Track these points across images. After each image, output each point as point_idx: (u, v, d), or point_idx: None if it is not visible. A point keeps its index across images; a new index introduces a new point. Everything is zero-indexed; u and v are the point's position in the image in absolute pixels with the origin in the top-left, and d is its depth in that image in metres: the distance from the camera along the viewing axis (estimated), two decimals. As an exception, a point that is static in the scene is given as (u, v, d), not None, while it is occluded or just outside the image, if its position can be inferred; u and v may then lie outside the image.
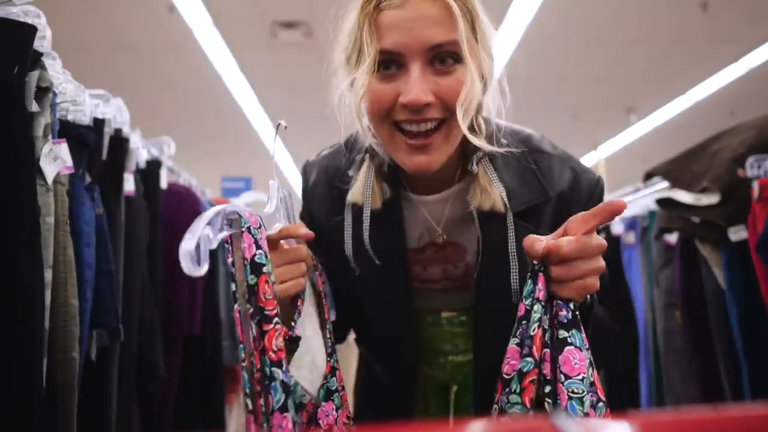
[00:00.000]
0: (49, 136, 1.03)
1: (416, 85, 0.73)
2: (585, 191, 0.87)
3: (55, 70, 1.21)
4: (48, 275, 0.99)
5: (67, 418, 1.05)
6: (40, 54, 1.01)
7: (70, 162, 1.08)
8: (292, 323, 0.71)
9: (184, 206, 1.79)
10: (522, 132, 0.92)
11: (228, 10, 4.29)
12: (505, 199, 0.82)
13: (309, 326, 0.76)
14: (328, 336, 0.78)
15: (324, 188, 0.94)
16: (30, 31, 0.96)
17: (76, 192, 1.17)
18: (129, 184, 1.45)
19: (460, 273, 0.93)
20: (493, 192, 0.83)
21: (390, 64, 0.76)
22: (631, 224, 2.31)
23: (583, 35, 4.87)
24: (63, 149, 1.06)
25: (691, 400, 1.79)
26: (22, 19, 1.00)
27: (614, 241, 2.44)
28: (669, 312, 1.92)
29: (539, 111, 6.55)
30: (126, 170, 1.44)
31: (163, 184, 1.75)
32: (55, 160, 1.03)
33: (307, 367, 0.73)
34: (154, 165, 1.69)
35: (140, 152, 1.61)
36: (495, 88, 0.86)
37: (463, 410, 0.99)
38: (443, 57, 0.75)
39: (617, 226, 2.41)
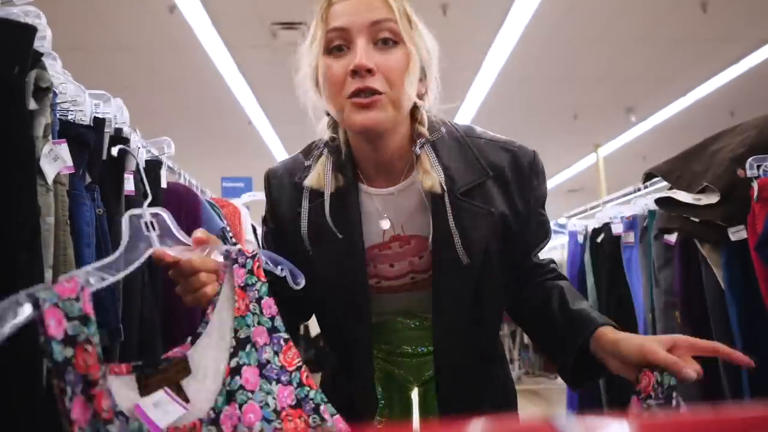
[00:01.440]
0: (50, 136, 1.03)
1: (361, 53, 0.85)
2: (525, 167, 0.97)
3: (56, 70, 1.21)
4: (48, 275, 0.99)
5: (67, 418, 1.05)
6: (41, 54, 1.01)
7: (70, 162, 1.08)
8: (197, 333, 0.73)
9: (184, 206, 1.79)
10: (464, 125, 1.02)
11: (227, 10, 4.29)
12: (443, 181, 0.92)
13: (209, 336, 0.74)
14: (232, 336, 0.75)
15: (287, 185, 1.02)
16: (30, 31, 0.96)
17: (76, 192, 1.17)
18: (129, 184, 1.45)
19: (425, 264, 0.99)
20: (433, 174, 0.92)
21: (341, 45, 0.88)
22: (631, 224, 2.31)
23: (584, 35, 4.86)
24: (63, 149, 1.06)
25: (691, 400, 1.79)
26: (22, 20, 1.00)
27: (614, 241, 2.44)
28: (669, 312, 1.92)
29: (539, 111, 6.56)
30: (126, 170, 1.44)
31: (163, 183, 1.75)
32: (56, 160, 1.03)
33: (200, 380, 0.71)
34: (154, 165, 1.69)
35: (140, 152, 1.61)
36: (435, 88, 0.96)
37: (429, 411, 1.03)
38: (385, 38, 0.88)
39: (617, 226, 2.41)
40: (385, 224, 0.97)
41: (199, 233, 0.80)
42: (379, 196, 0.97)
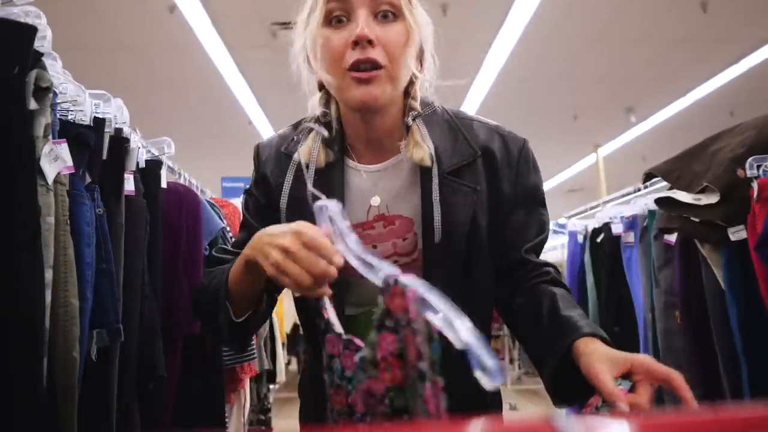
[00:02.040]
0: (50, 136, 1.03)
1: (362, 24, 0.85)
2: (514, 152, 0.96)
3: (56, 70, 1.21)
4: (48, 275, 0.99)
5: (67, 417, 1.05)
6: (41, 54, 1.01)
7: (70, 162, 1.08)
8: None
9: (184, 206, 1.79)
10: (455, 109, 1.02)
11: (227, 10, 4.29)
12: (433, 154, 0.92)
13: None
14: None
15: (274, 156, 1.01)
16: (30, 31, 0.96)
17: (76, 192, 1.17)
18: (129, 184, 1.45)
19: (409, 246, 0.96)
20: (423, 146, 0.92)
21: (341, 16, 0.88)
22: (631, 224, 2.31)
23: (583, 35, 4.86)
24: (63, 149, 1.06)
25: (691, 400, 1.79)
26: (22, 20, 1.00)
27: (614, 241, 2.44)
28: (669, 312, 1.92)
29: (539, 111, 6.56)
30: (126, 170, 1.44)
31: (163, 183, 1.75)
32: (56, 160, 1.03)
33: None
34: (154, 165, 1.69)
35: (140, 152, 1.61)
36: (431, 64, 0.97)
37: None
38: (385, 11, 0.88)
39: (617, 226, 2.41)
40: (375, 200, 0.95)
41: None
42: (367, 173, 0.96)
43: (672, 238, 1.88)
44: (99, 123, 1.34)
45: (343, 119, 0.97)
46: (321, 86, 0.98)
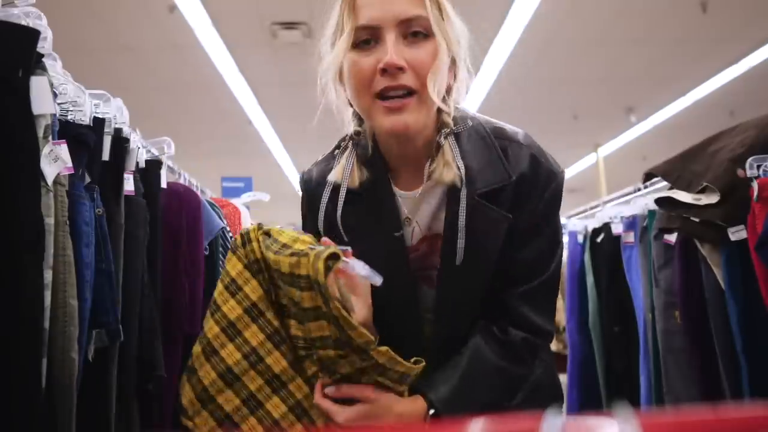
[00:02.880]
0: (50, 137, 1.03)
1: (391, 50, 0.82)
2: (542, 181, 0.91)
3: (56, 71, 1.21)
4: (48, 275, 0.99)
5: (66, 417, 1.05)
6: (42, 55, 1.01)
7: (69, 162, 1.08)
8: None
9: (184, 206, 1.79)
10: (497, 123, 0.97)
11: (227, 10, 4.28)
12: (463, 176, 0.88)
13: None
14: None
15: (316, 180, 1.00)
16: (33, 34, 0.96)
17: (75, 192, 1.17)
18: (129, 184, 1.45)
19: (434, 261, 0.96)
20: (453, 167, 0.88)
21: (369, 39, 0.85)
22: (631, 224, 2.31)
23: (584, 35, 4.86)
24: (63, 150, 1.06)
25: (691, 400, 1.79)
26: (23, 21, 1.00)
27: (614, 241, 2.44)
28: (669, 312, 1.92)
29: (539, 111, 6.56)
30: (126, 170, 1.44)
31: (163, 183, 1.74)
32: (56, 160, 1.03)
33: None
34: (154, 165, 1.69)
35: (140, 152, 1.61)
36: (465, 74, 0.93)
37: None
38: (415, 31, 0.84)
39: (617, 226, 2.41)
40: (417, 223, 0.95)
41: None
42: (405, 199, 0.95)
43: (672, 238, 1.88)
44: (99, 123, 1.33)
45: (377, 138, 0.95)
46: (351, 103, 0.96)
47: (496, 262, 0.89)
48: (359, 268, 0.78)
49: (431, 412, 0.83)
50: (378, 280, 0.79)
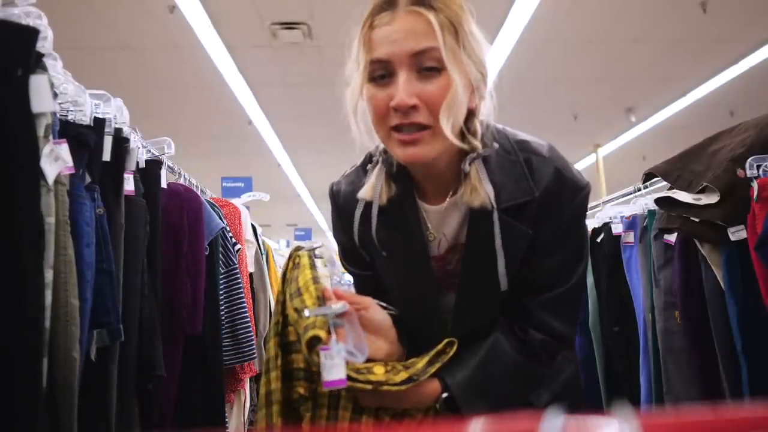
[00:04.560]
0: (50, 137, 1.03)
1: (402, 89, 0.82)
2: (567, 194, 0.91)
3: (56, 70, 1.21)
4: (49, 275, 0.99)
5: (67, 417, 1.05)
6: (42, 55, 1.02)
7: (70, 162, 1.08)
8: None
9: (185, 206, 1.79)
10: (521, 137, 0.97)
11: (227, 10, 4.28)
12: (492, 199, 0.89)
13: None
14: None
15: (350, 196, 1.02)
16: (33, 33, 0.96)
17: (76, 192, 1.17)
18: (129, 184, 1.45)
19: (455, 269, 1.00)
20: (482, 191, 0.89)
21: (384, 74, 0.85)
22: (631, 224, 2.31)
23: (583, 35, 4.86)
24: (64, 150, 1.06)
25: (691, 400, 1.79)
26: (23, 21, 1.00)
27: (614, 241, 2.44)
28: (669, 312, 1.92)
29: (539, 111, 6.55)
30: (126, 170, 1.44)
31: (163, 183, 1.75)
32: (56, 160, 1.03)
33: None
34: (154, 165, 1.69)
35: (140, 152, 1.61)
36: (490, 94, 0.94)
37: None
38: (428, 65, 0.83)
39: (617, 226, 2.41)
40: (444, 235, 0.98)
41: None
42: (430, 213, 0.98)
43: (672, 237, 1.88)
44: (99, 123, 1.34)
45: None
46: None
47: (515, 274, 0.92)
48: (336, 352, 0.79)
49: (444, 395, 0.86)
50: (360, 360, 0.80)
